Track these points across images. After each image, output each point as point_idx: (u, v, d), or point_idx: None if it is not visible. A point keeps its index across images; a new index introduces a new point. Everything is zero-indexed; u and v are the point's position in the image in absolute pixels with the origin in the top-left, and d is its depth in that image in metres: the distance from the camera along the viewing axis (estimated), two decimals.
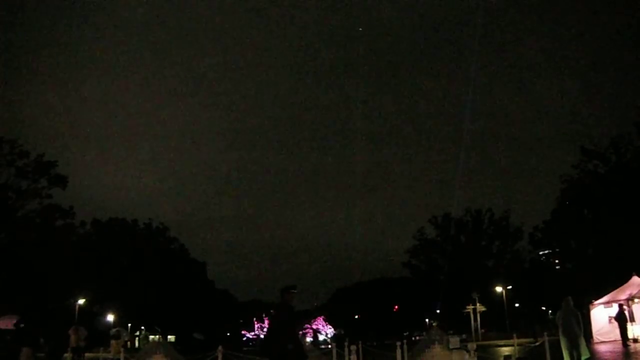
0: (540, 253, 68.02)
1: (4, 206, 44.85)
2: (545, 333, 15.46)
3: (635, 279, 25.66)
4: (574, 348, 13.52)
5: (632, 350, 19.47)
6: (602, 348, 21.63)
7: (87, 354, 25.57)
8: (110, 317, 55.55)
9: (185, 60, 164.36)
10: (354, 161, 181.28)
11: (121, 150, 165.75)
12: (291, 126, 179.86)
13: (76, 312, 46.06)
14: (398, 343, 10.88)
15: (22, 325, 16.81)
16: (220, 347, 12.38)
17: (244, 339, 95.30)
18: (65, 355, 16.91)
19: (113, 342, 18.56)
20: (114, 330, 21.15)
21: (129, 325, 46.86)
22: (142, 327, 66.82)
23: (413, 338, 62.43)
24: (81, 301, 48.86)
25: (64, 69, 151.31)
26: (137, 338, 60.46)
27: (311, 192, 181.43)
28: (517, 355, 13.86)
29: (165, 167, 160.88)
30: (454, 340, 13.81)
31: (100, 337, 46.32)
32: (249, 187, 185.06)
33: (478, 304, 50.19)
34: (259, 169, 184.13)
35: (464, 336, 44.38)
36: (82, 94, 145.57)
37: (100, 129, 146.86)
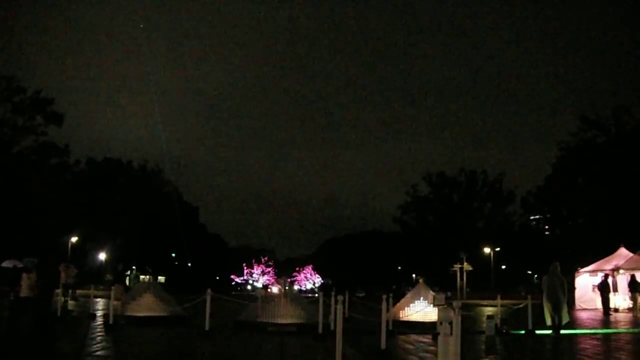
0: (531, 218, 68.71)
1: None
2: (529, 296, 15.73)
3: (622, 250, 25.86)
4: (555, 312, 13.73)
5: (612, 320, 19.87)
6: (583, 315, 22.04)
7: (78, 291, 26.02)
8: (102, 256, 56.10)
9: (183, 7, 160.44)
10: (350, 113, 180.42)
11: (120, 90, 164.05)
12: (290, 76, 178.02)
13: (69, 250, 46.49)
14: (384, 296, 11.03)
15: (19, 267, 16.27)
16: (209, 290, 12.54)
17: (233, 283, 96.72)
18: (57, 291, 16.98)
19: (24, 275, 14.46)
20: (26, 260, 16.40)
21: (120, 264, 47.08)
22: (133, 267, 67.63)
23: (402, 292, 63.31)
24: (74, 239, 49.24)
25: (63, 5, 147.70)
26: (127, 277, 61.26)
27: (308, 141, 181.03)
28: (500, 316, 14.10)
29: (163, 110, 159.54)
30: (439, 297, 13.96)
31: (91, 274, 46.90)
32: (245, 134, 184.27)
33: (465, 263, 50.72)
34: (256, 117, 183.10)
35: (449, 294, 45.14)
36: (82, 33, 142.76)
37: (99, 68, 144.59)
